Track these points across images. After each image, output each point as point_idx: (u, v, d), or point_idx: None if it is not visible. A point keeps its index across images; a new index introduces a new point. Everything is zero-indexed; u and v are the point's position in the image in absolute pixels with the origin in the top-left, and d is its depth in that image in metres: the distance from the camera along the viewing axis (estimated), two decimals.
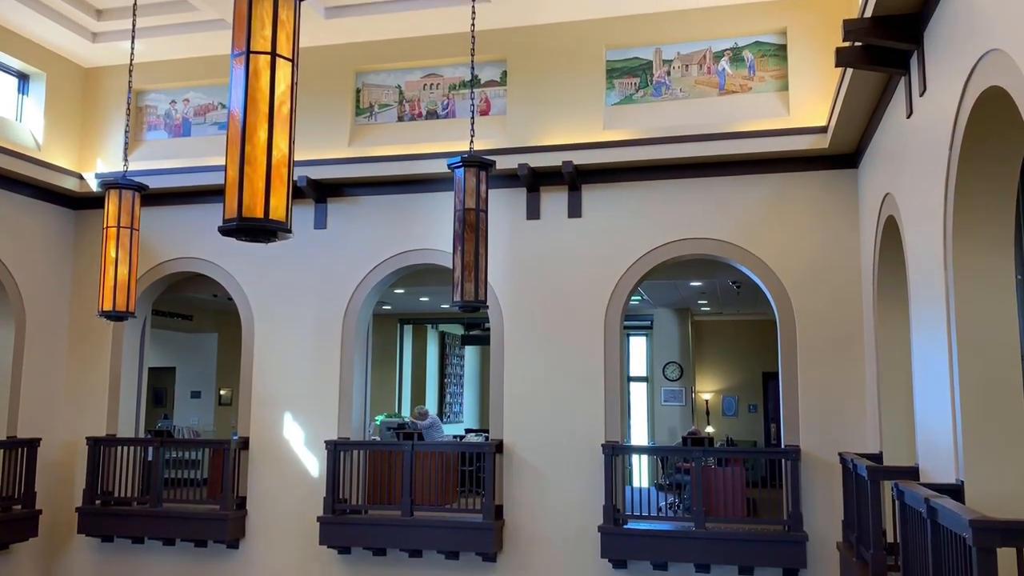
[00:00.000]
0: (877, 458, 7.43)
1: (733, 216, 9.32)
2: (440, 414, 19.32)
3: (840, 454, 8.12)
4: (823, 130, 8.73)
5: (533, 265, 9.85)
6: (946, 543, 3.88)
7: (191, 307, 15.66)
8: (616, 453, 9.12)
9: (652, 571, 9.04)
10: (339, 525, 9.65)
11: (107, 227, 7.49)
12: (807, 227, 9.14)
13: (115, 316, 7.40)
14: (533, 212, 9.88)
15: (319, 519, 9.67)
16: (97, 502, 10.37)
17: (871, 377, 8.28)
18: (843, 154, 8.93)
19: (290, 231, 3.87)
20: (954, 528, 3.71)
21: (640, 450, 10.68)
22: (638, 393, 18.46)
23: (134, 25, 7.47)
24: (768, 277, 9.18)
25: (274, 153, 3.84)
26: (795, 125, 8.92)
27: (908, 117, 6.24)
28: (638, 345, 18.73)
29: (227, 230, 3.84)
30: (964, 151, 4.82)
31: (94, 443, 10.42)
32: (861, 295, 8.81)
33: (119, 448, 10.51)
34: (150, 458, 10.39)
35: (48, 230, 10.88)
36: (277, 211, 3.82)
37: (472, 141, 7.31)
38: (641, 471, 10.16)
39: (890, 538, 6.25)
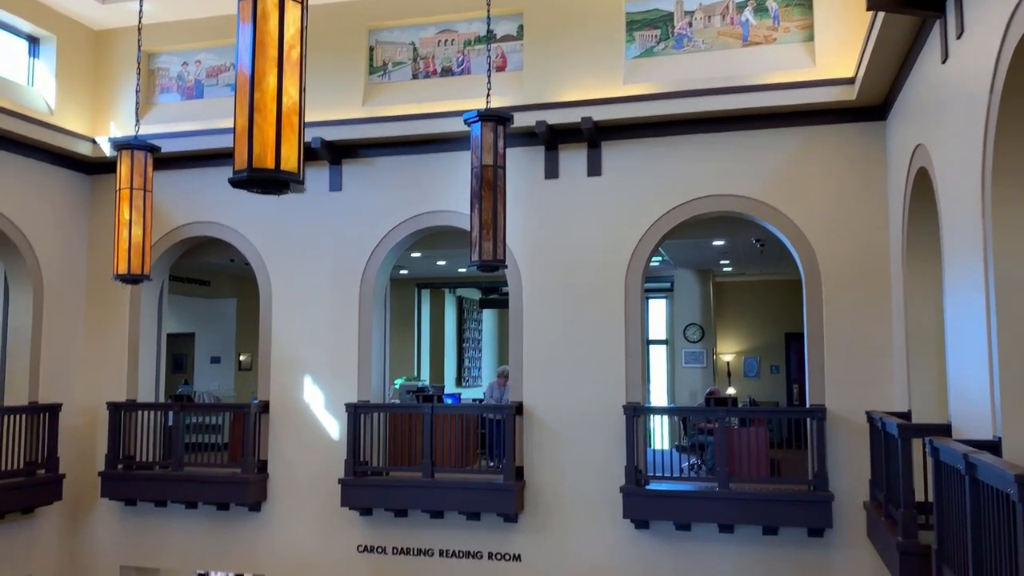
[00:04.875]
0: (906, 417, 7.28)
1: (757, 172, 9.09)
2: (459, 379, 19.31)
3: (868, 413, 7.97)
4: (850, 81, 8.46)
5: (552, 226, 9.68)
6: (986, 499, 3.74)
7: (209, 272, 15.63)
8: (638, 414, 9.02)
9: (675, 532, 8.98)
10: (360, 487, 9.65)
11: (120, 189, 7.40)
12: (834, 182, 8.90)
13: (130, 279, 7.33)
14: (551, 171, 9.68)
15: (340, 481, 9.67)
16: (119, 466, 10.42)
17: (899, 335, 8.10)
18: (871, 106, 8.66)
19: (303, 183, 3.73)
20: (995, 484, 3.57)
21: (662, 411, 10.57)
22: (658, 357, 18.32)
23: None
24: (793, 234, 8.97)
25: (284, 100, 3.69)
26: (821, 77, 8.65)
27: (943, 62, 5.99)
28: (658, 308, 18.56)
29: (237, 182, 3.71)
30: (1006, 92, 4.59)
31: (114, 408, 10.44)
32: (889, 251, 8.59)
33: (139, 413, 10.53)
34: (170, 423, 10.41)
35: (63, 195, 10.82)
36: (289, 162, 3.68)
37: (489, 97, 7.12)
38: (662, 434, 10.06)
39: (919, 497, 6.11)
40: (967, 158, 5.39)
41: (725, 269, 16.09)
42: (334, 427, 10.11)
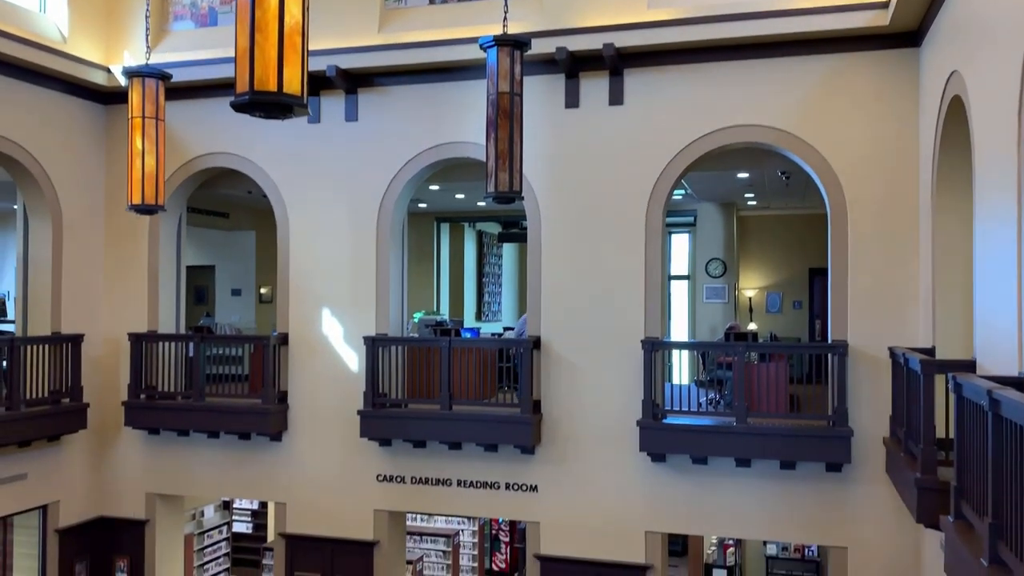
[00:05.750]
0: (929, 352, 7.15)
1: (784, 102, 8.81)
2: (479, 313, 19.32)
3: (890, 348, 7.84)
4: (883, 5, 8.11)
5: (572, 157, 9.49)
6: (1009, 436, 3.64)
7: (227, 204, 15.61)
8: (656, 349, 8.95)
9: (691, 465, 9.00)
10: (379, 418, 9.73)
11: (132, 118, 7.32)
12: (863, 112, 8.61)
13: (144, 209, 7.30)
14: (572, 100, 9.45)
15: (359, 412, 9.75)
16: (142, 396, 10.56)
17: (926, 270, 7.91)
18: (904, 31, 8.30)
19: (306, 106, 3.61)
20: (1019, 420, 3.47)
21: (681, 345, 10.48)
22: (679, 293, 18.19)
23: None
24: (820, 165, 8.73)
25: (286, 20, 3.57)
26: (852, 1, 8.29)
27: None
28: (680, 243, 18.35)
29: (239, 105, 3.61)
30: None
31: (136, 339, 10.55)
32: (918, 183, 8.35)
33: (161, 344, 10.63)
34: (191, 354, 10.51)
35: (79, 125, 10.75)
36: (291, 84, 3.57)
37: (506, 22, 6.90)
38: (681, 369, 9.99)
39: (939, 434, 6.03)
40: (1004, 85, 5.14)
41: (749, 203, 15.83)
42: (353, 359, 10.16)
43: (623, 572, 9.23)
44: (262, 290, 16.75)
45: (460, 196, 15.03)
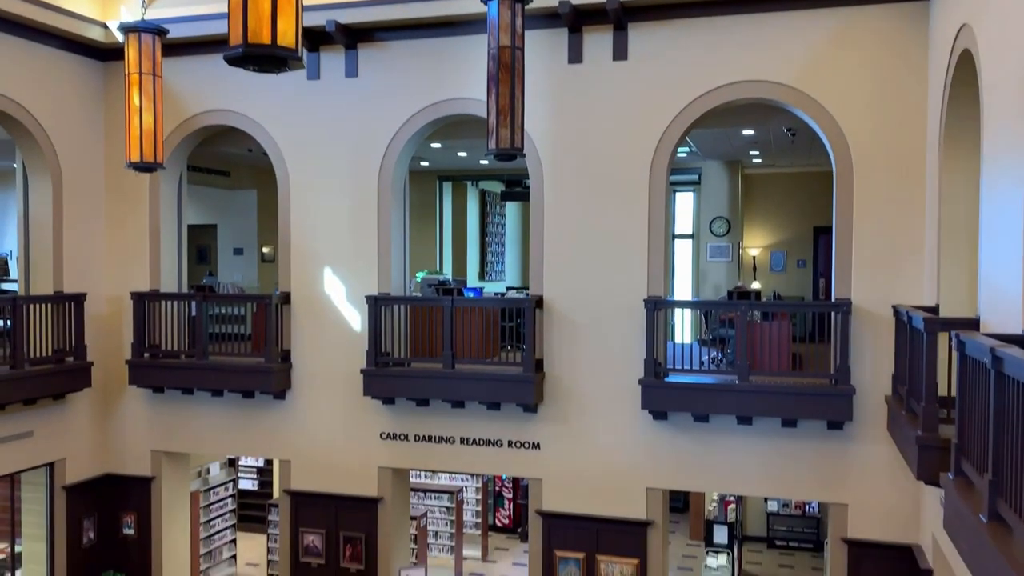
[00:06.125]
0: (933, 311, 7.12)
1: (791, 56, 8.66)
2: (482, 273, 19.30)
3: (894, 307, 7.82)
4: None
5: (575, 114, 9.37)
6: (1011, 394, 3.62)
7: (228, 163, 15.52)
8: (659, 308, 8.93)
9: (692, 423, 9.03)
10: (382, 377, 9.76)
11: (129, 74, 7.23)
12: (871, 67, 8.47)
13: (144, 167, 7.25)
14: (575, 55, 9.30)
15: (363, 371, 9.78)
16: (146, 355, 10.60)
17: (931, 228, 7.85)
18: None
19: (301, 59, 3.54)
20: (1022, 378, 3.45)
21: (684, 304, 10.45)
22: (683, 252, 18.13)
23: None
24: (826, 122, 8.61)
25: None
26: None
27: None
28: (684, 202, 18.24)
29: (232, 58, 3.54)
30: None
31: (138, 298, 10.55)
32: (926, 140, 8.24)
33: (163, 303, 10.63)
34: (194, 313, 10.51)
35: (77, 83, 10.64)
36: (286, 37, 3.49)
37: None
38: (683, 328, 9.98)
39: (941, 391, 6.02)
40: (1015, 38, 5.03)
41: (754, 161, 15.68)
42: (356, 319, 10.16)
43: (624, 527, 9.32)
44: (264, 249, 16.72)
45: (462, 154, 14.91)
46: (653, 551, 9.27)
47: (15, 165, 11.22)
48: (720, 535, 12.14)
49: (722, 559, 11.84)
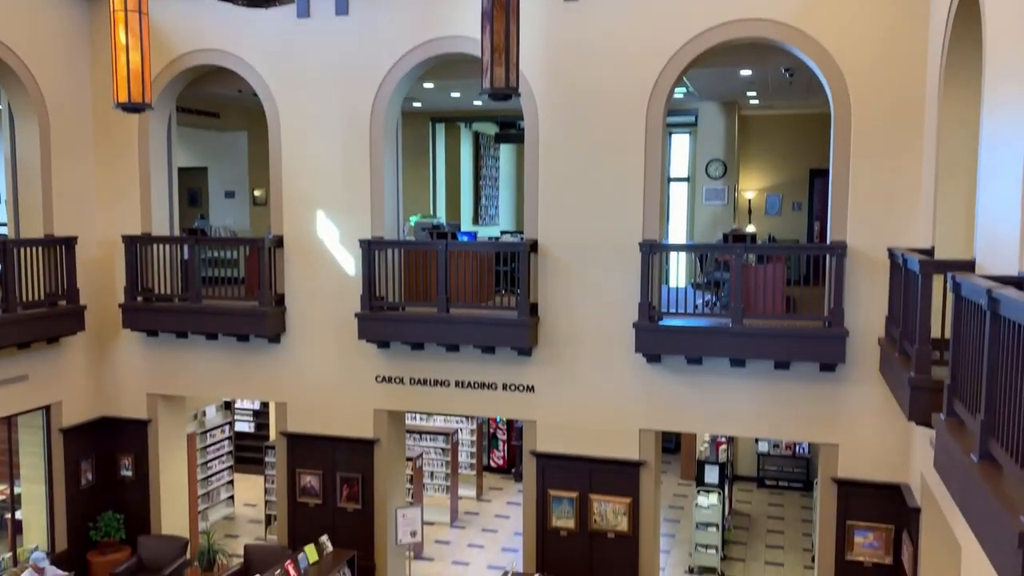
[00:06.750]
0: (928, 253, 7.10)
1: None
2: (475, 217, 19.18)
3: (889, 249, 7.80)
4: None
5: (571, 53, 9.21)
6: (1007, 335, 3.62)
7: (217, 104, 15.26)
8: (654, 251, 8.90)
9: (686, 366, 9.08)
10: (377, 321, 9.76)
11: (114, 11, 7.05)
12: (871, 5, 8.31)
13: (132, 107, 7.10)
14: None
15: (357, 315, 9.77)
16: (139, 299, 10.56)
17: (929, 170, 7.79)
18: None
19: None
20: (1018, 319, 3.44)
21: (679, 248, 10.44)
22: (678, 195, 18.00)
23: None
24: (825, 62, 8.48)
25: None
26: None
27: None
28: (680, 144, 18.05)
29: None
30: None
31: (130, 241, 10.47)
32: (926, 81, 8.13)
33: (156, 247, 10.56)
34: (187, 256, 10.45)
35: (63, 21, 10.39)
36: None
37: None
38: (678, 272, 9.96)
39: (934, 334, 6.03)
40: None
41: (752, 102, 15.49)
42: (349, 262, 10.11)
43: (617, 468, 9.44)
44: (256, 192, 16.56)
45: (455, 94, 14.68)
46: (645, 490, 9.41)
47: (0, 107, 11.02)
48: (711, 475, 12.31)
49: (713, 498, 12.03)
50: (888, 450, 8.61)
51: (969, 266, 5.78)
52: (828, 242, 8.73)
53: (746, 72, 12.20)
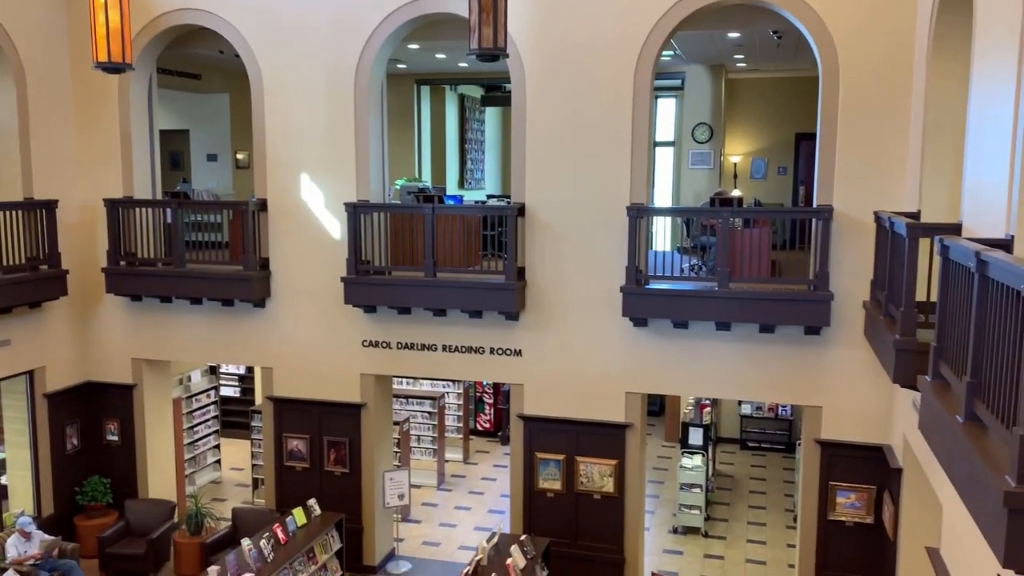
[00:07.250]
0: (915, 217, 7.13)
1: None
2: (461, 180, 19.06)
3: (875, 213, 7.82)
4: None
5: (558, 14, 9.10)
6: (994, 298, 3.65)
7: (199, 65, 15.01)
8: (640, 215, 8.89)
9: (672, 329, 9.12)
10: (363, 285, 9.72)
11: None
12: None
13: (112, 68, 6.99)
14: None
15: (343, 279, 9.72)
16: (122, 263, 10.46)
17: (916, 133, 7.79)
18: None
19: None
20: (1007, 281, 3.46)
21: (666, 212, 10.44)
22: (664, 159, 17.94)
23: None
24: (814, 25, 8.42)
25: None
26: None
27: None
28: (666, 108, 17.94)
29: None
30: None
31: (111, 205, 10.34)
32: (914, 43, 8.09)
33: (138, 210, 10.44)
34: (169, 220, 10.34)
35: None
36: None
37: None
38: (664, 236, 9.97)
39: (920, 297, 6.07)
40: None
41: (739, 65, 15.40)
42: (335, 226, 10.04)
43: (603, 430, 9.52)
44: (239, 155, 16.37)
45: (441, 56, 14.50)
46: (631, 452, 9.50)
47: None
48: (695, 437, 12.43)
49: (697, 460, 12.17)
50: (871, 412, 8.72)
51: (955, 229, 5.81)
52: (814, 206, 8.74)
53: (734, 34, 12.11)
